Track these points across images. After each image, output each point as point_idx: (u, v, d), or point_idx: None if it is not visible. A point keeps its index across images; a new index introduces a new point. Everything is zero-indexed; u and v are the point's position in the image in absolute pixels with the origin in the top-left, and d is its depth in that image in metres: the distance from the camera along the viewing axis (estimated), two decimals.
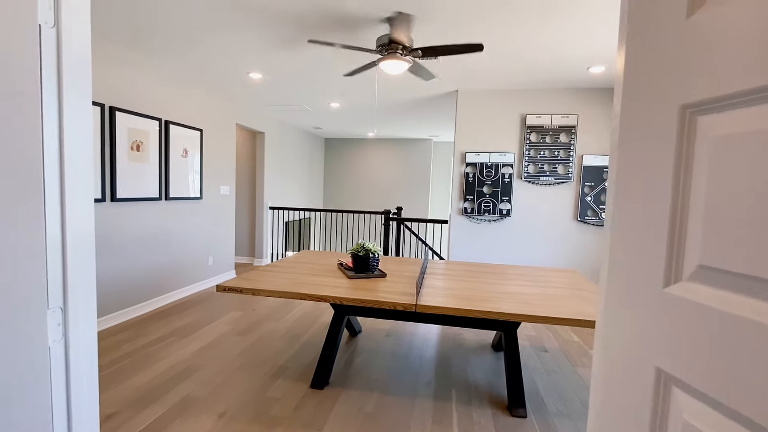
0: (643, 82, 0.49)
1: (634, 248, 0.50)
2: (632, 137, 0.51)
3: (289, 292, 2.15)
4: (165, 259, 3.86)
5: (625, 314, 0.53)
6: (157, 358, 2.70)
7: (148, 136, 3.52)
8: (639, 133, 0.49)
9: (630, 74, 0.52)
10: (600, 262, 4.06)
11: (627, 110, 0.52)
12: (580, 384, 2.56)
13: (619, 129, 0.54)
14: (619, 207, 0.54)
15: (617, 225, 0.55)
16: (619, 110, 0.54)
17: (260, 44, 3.05)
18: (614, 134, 0.59)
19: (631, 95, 0.51)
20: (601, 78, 3.64)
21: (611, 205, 0.60)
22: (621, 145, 0.54)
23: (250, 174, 6.02)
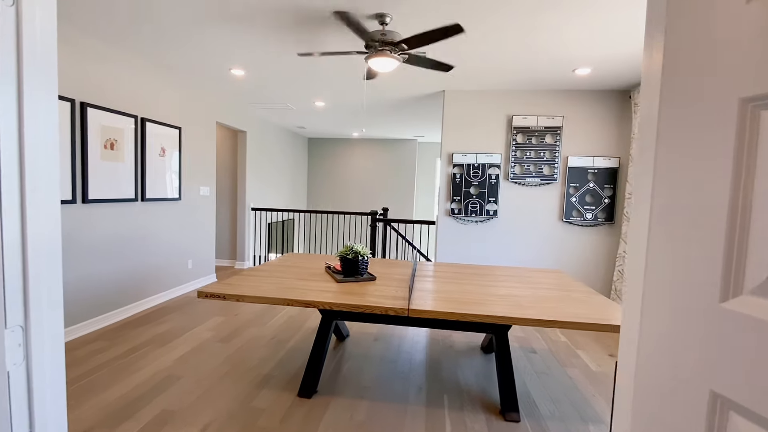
0: (691, 76, 0.44)
1: (682, 258, 0.45)
2: (675, 135, 0.46)
3: (275, 298, 2.05)
4: (141, 262, 3.68)
5: (670, 331, 0.48)
6: (134, 368, 2.55)
7: (122, 133, 3.34)
8: (685, 131, 0.45)
9: (672, 68, 0.47)
10: (582, 262, 4.11)
11: (668, 106, 0.47)
12: (570, 385, 2.55)
13: (657, 127, 0.49)
14: (660, 212, 0.49)
15: (659, 232, 0.50)
16: (657, 106, 0.49)
17: (243, 39, 2.94)
18: (646, 132, 0.54)
19: (674, 90, 0.47)
20: (586, 80, 3.68)
21: (642, 209, 0.55)
22: (660, 144, 0.49)
23: (231, 174, 5.84)
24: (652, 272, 0.53)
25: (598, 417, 2.18)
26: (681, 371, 0.45)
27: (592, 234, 4.13)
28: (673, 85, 0.47)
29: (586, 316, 1.95)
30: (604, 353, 3.10)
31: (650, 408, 0.50)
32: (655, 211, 0.51)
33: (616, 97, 4.00)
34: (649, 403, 0.51)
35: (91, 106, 3.02)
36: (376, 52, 2.42)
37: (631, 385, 0.58)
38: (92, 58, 3.05)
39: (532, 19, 2.47)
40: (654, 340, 0.51)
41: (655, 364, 0.51)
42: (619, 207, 4.06)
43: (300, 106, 5.28)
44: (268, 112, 5.79)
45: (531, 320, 1.89)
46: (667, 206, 0.48)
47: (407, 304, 2.03)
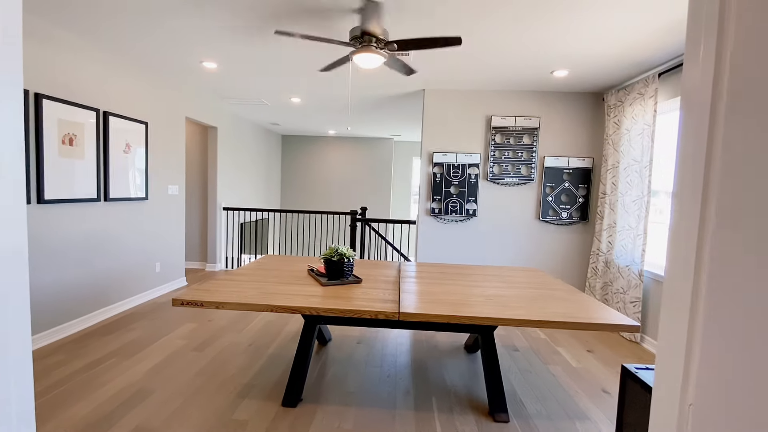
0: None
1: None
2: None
3: (258, 305, 1.94)
4: (104, 267, 3.42)
5: (751, 365, 0.44)
6: (100, 382, 2.35)
7: (83, 128, 3.09)
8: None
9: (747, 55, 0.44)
10: (558, 260, 4.21)
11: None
12: (554, 382, 2.59)
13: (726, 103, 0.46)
14: (731, 198, 0.46)
15: (732, 220, 0.47)
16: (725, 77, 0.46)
17: (216, 30, 2.78)
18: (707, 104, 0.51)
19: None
20: (562, 81, 3.75)
21: (690, 194, 0.52)
22: (729, 119, 0.46)
23: (202, 172, 5.58)
24: (719, 279, 0.49)
25: (583, 414, 2.22)
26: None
27: (567, 232, 4.24)
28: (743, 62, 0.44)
29: (574, 315, 1.97)
30: (582, 349, 3.17)
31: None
32: (730, 199, 0.47)
33: (590, 99, 4.11)
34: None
35: (47, 98, 2.76)
36: (362, 47, 2.35)
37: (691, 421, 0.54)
38: (49, 45, 2.79)
39: (516, 21, 2.47)
40: (719, 360, 0.48)
41: (724, 402, 0.47)
42: (593, 206, 4.18)
43: (275, 102, 5.10)
44: (241, 108, 5.57)
45: (531, 321, 1.89)
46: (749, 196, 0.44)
47: (397, 307, 1.98)
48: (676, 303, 0.59)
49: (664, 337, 0.61)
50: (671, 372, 0.59)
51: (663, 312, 0.62)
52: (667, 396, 0.59)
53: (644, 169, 3.27)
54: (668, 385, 0.59)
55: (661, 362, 0.61)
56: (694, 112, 0.56)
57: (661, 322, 0.62)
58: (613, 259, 3.64)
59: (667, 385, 0.59)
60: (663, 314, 0.62)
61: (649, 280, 3.28)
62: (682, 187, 0.58)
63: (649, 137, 3.21)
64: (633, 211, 3.40)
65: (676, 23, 2.45)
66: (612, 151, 3.76)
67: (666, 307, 0.61)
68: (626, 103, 3.57)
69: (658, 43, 2.75)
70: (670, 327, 0.60)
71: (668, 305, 0.60)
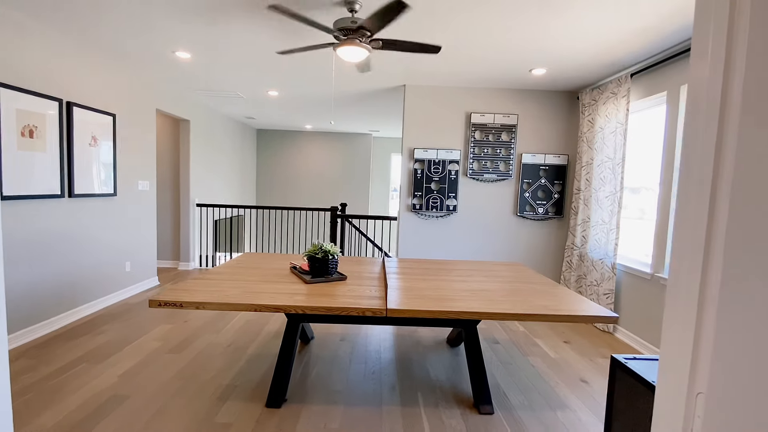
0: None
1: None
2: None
3: (242, 304, 1.89)
4: (70, 267, 3.23)
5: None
6: (68, 390, 2.22)
7: (44, 120, 2.89)
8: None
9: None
10: (534, 254, 4.32)
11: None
12: (534, 373, 2.66)
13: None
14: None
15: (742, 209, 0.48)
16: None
17: (191, 17, 2.65)
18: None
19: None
20: (540, 80, 3.83)
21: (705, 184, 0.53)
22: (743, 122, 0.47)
23: (173, 167, 5.36)
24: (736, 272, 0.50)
25: (563, 404, 2.29)
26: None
27: (543, 227, 4.36)
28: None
29: (557, 307, 2.02)
30: (559, 340, 3.28)
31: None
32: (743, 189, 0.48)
33: (566, 97, 4.23)
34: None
35: (3, 86, 2.56)
36: (345, 40, 2.30)
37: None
38: (6, 30, 2.58)
39: (497, 17, 2.49)
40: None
41: (734, 391, 0.48)
42: (568, 202, 4.31)
43: (251, 95, 4.96)
44: (215, 101, 5.37)
45: (518, 315, 1.92)
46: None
47: (384, 303, 1.97)
48: (682, 293, 0.60)
49: (670, 327, 0.62)
50: (678, 361, 0.60)
51: (668, 301, 0.63)
52: (673, 385, 0.61)
53: (617, 166, 3.40)
54: (675, 374, 0.60)
55: (667, 351, 0.63)
56: (702, 103, 0.57)
57: (666, 312, 0.63)
58: (587, 253, 3.77)
59: (673, 375, 0.61)
60: (668, 303, 0.63)
61: (621, 273, 3.42)
62: (688, 177, 0.59)
63: (622, 135, 3.33)
64: (606, 206, 3.53)
65: (649, 26, 2.54)
66: (586, 149, 3.88)
67: (671, 297, 0.62)
68: (600, 102, 3.69)
69: (630, 44, 2.85)
70: (676, 316, 0.61)
71: (674, 295, 0.62)
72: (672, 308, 0.62)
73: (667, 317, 0.63)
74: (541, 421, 2.11)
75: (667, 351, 0.63)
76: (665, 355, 0.63)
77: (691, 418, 0.58)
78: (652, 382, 0.95)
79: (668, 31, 2.60)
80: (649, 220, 3.46)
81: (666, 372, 0.63)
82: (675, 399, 0.60)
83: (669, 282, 0.63)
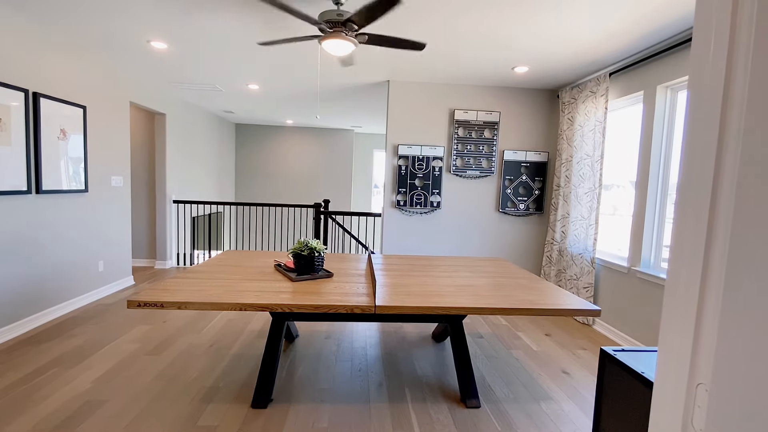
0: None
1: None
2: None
3: (226, 303, 1.83)
4: (38, 267, 3.06)
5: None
6: (40, 396, 2.11)
7: (8, 111, 2.72)
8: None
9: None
10: (516, 249, 4.40)
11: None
12: (518, 366, 2.71)
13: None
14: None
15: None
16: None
17: (167, 3, 2.55)
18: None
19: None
20: (523, 77, 3.89)
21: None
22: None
23: (149, 162, 5.16)
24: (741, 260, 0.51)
25: (546, 395, 2.34)
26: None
27: (524, 223, 4.43)
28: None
29: (541, 301, 2.06)
30: (540, 333, 3.35)
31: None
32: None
33: (546, 95, 4.30)
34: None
35: None
36: (331, 33, 2.26)
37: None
38: None
39: (481, 15, 2.50)
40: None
41: (736, 381, 0.49)
42: (548, 198, 4.40)
43: (230, 89, 4.82)
44: (192, 94, 5.20)
45: (505, 309, 1.94)
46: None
47: (373, 300, 1.96)
48: (682, 285, 0.61)
49: (670, 319, 0.63)
50: (678, 353, 0.61)
51: (668, 293, 0.64)
52: (673, 376, 0.62)
53: (596, 163, 3.49)
54: (674, 365, 0.61)
55: (666, 343, 0.64)
56: (705, 94, 0.57)
57: (666, 304, 0.64)
58: (567, 248, 3.87)
59: (673, 366, 0.62)
60: (668, 295, 0.64)
61: (600, 267, 3.52)
62: (689, 171, 0.60)
63: (601, 133, 3.42)
64: (585, 202, 3.62)
65: (627, 27, 2.60)
66: (566, 146, 3.97)
67: (671, 289, 0.63)
68: (579, 100, 3.77)
69: (610, 44, 2.92)
70: (675, 309, 0.62)
71: (673, 287, 0.63)
72: (671, 300, 0.63)
73: (666, 309, 0.64)
74: (526, 413, 2.15)
75: (666, 343, 0.64)
76: (664, 347, 0.64)
77: (691, 408, 0.59)
78: (642, 373, 0.97)
79: (645, 32, 2.68)
80: (620, 216, 3.58)
81: (665, 363, 0.64)
82: (675, 390, 0.62)
83: (669, 274, 0.64)
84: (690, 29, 2.60)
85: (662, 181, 2.97)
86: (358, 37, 2.35)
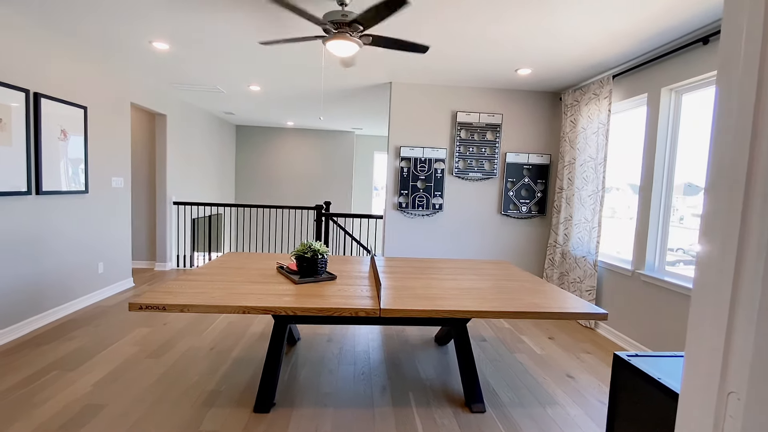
0: None
1: None
2: None
3: (229, 306, 1.81)
4: (38, 269, 3.03)
5: None
6: (38, 400, 2.08)
7: (9, 111, 2.70)
8: None
9: None
10: (518, 252, 4.38)
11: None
12: (522, 370, 2.69)
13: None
14: None
15: None
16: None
17: (171, 5, 2.53)
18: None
19: None
20: (525, 80, 3.88)
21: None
22: None
23: (149, 163, 5.14)
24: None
25: (552, 400, 2.32)
26: None
27: (526, 226, 4.42)
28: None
29: (548, 305, 2.04)
30: (544, 336, 3.32)
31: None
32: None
33: (549, 98, 4.29)
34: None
35: None
36: (335, 34, 2.25)
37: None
38: None
39: (485, 17, 2.49)
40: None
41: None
42: (550, 200, 4.39)
43: (232, 90, 4.81)
44: (193, 95, 5.19)
45: (512, 313, 1.92)
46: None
47: (377, 303, 1.93)
48: (711, 292, 0.59)
49: (697, 327, 0.61)
50: (707, 361, 0.59)
51: (695, 300, 0.62)
52: (702, 385, 0.60)
53: (599, 166, 3.47)
54: (703, 374, 0.59)
55: (694, 352, 0.62)
56: (734, 98, 0.55)
57: (693, 312, 0.62)
58: (570, 251, 3.85)
59: (701, 375, 0.60)
60: (695, 303, 0.62)
61: (603, 270, 3.50)
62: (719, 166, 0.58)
63: (604, 136, 3.41)
64: (589, 205, 3.60)
65: (631, 29, 2.59)
66: (568, 149, 3.95)
67: (699, 296, 0.61)
68: (582, 102, 3.76)
69: (613, 46, 2.91)
70: (704, 316, 0.60)
71: (702, 294, 0.61)
72: (700, 305, 0.61)
73: (693, 315, 0.62)
74: (532, 418, 2.12)
75: (693, 351, 0.62)
76: (691, 355, 0.62)
77: (722, 418, 0.57)
78: (659, 380, 0.95)
79: (650, 34, 2.67)
80: (619, 218, 3.57)
81: (692, 371, 0.62)
82: (704, 399, 0.59)
83: (697, 277, 0.62)
84: (695, 31, 2.60)
85: (666, 183, 2.96)
86: (362, 38, 2.34)
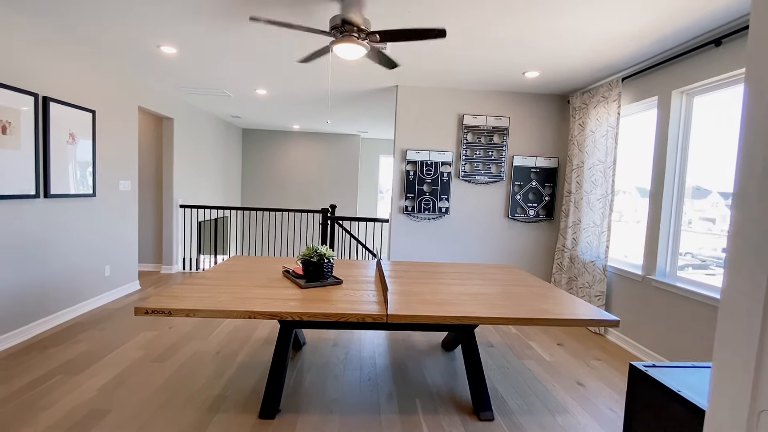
0: None
1: None
2: None
3: (235, 311, 1.79)
4: (45, 272, 3.05)
5: None
6: (43, 404, 2.07)
7: (18, 115, 2.72)
8: None
9: None
10: (525, 256, 4.31)
11: None
12: (531, 377, 2.64)
13: None
14: None
15: None
16: None
17: (179, 10, 2.54)
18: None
19: None
20: (532, 83, 3.85)
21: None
22: None
23: (156, 167, 5.16)
24: None
25: (562, 407, 2.27)
26: None
27: (534, 230, 4.37)
28: None
29: (558, 311, 2.00)
30: (552, 343, 3.27)
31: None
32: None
33: (556, 101, 4.26)
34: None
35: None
36: (343, 37, 2.24)
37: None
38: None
39: (496, 16, 2.47)
40: None
41: None
42: (558, 204, 4.34)
43: (238, 94, 4.82)
44: (200, 99, 5.21)
45: (523, 320, 1.88)
46: None
47: (384, 309, 1.91)
48: (742, 306, 0.56)
49: (726, 343, 0.58)
50: (736, 378, 0.56)
51: (723, 315, 0.59)
52: (731, 403, 0.56)
53: (608, 169, 3.43)
54: (732, 392, 0.56)
55: (722, 368, 0.58)
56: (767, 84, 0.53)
57: (720, 327, 0.59)
58: (578, 255, 3.80)
59: (730, 392, 0.57)
60: (723, 317, 0.59)
61: (612, 275, 3.45)
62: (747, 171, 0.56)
63: (613, 139, 3.36)
64: (598, 209, 3.55)
65: (640, 31, 2.56)
66: (577, 152, 3.91)
67: (727, 310, 0.58)
68: (590, 105, 3.72)
69: (622, 48, 2.88)
70: (733, 331, 0.57)
71: (730, 308, 0.58)
72: (728, 319, 0.58)
73: (721, 331, 0.59)
74: (541, 426, 2.08)
75: (722, 368, 0.58)
76: (720, 372, 0.59)
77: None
78: (678, 392, 0.91)
79: (660, 36, 2.63)
80: (626, 222, 3.52)
81: (720, 388, 0.59)
82: (733, 417, 0.56)
83: (724, 293, 0.59)
84: (706, 33, 2.55)
85: (678, 187, 2.90)
86: (369, 37, 2.32)
